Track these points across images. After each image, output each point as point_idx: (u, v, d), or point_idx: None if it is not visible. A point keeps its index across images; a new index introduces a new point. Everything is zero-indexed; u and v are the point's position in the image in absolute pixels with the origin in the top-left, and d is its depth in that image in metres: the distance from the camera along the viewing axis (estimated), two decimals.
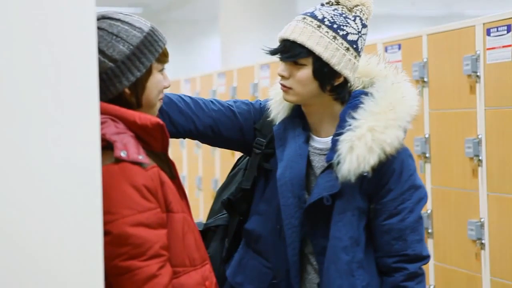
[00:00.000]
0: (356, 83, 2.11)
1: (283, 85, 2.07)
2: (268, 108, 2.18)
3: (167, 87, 1.83)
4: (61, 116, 1.37)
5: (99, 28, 1.74)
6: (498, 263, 3.03)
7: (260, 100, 2.25)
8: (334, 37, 2.02)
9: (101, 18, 1.77)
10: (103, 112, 1.65)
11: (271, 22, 8.12)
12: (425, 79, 3.42)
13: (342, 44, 2.02)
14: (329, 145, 2.08)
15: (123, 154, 1.62)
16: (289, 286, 2.12)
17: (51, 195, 1.36)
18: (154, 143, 1.72)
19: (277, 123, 2.15)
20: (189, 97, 2.18)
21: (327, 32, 2.01)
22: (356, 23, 2.05)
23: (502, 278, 3.01)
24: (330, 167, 2.04)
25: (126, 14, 1.79)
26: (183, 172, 6.19)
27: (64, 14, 1.37)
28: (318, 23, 2.02)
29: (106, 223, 1.56)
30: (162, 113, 2.08)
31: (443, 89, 3.34)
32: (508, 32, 2.94)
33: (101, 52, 1.72)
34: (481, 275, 3.11)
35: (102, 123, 1.64)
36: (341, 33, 2.02)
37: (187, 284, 1.72)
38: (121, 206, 1.61)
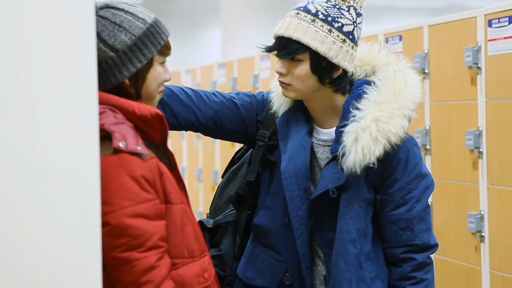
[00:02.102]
0: (357, 72, 2.10)
1: (282, 82, 2.06)
2: (271, 100, 2.17)
3: (167, 80, 1.82)
4: (59, 105, 1.36)
5: (102, 17, 1.73)
6: (498, 256, 3.02)
7: (263, 92, 2.24)
8: (330, 30, 2.00)
9: (104, 7, 1.75)
10: (102, 102, 1.64)
11: (272, 13, 8.10)
12: (426, 71, 3.41)
13: (338, 36, 2.01)
14: (333, 136, 2.07)
15: (121, 145, 1.62)
16: (300, 278, 2.12)
17: (49, 185, 1.35)
18: (153, 134, 1.72)
19: (279, 115, 2.14)
20: (191, 89, 2.17)
21: (322, 26, 2.00)
22: (350, 13, 2.03)
23: (502, 271, 3.00)
24: (335, 158, 2.03)
25: (130, 5, 1.77)
26: (183, 163, 6.18)
27: (63, 1, 1.36)
28: (312, 17, 2.00)
29: (104, 214, 1.55)
30: (163, 104, 2.06)
31: (444, 81, 3.33)
32: (509, 24, 2.93)
33: (102, 41, 1.71)
34: (480, 268, 3.11)
35: (101, 113, 1.63)
36: (336, 25, 2.01)
37: (186, 275, 1.71)
38: (119, 197, 1.60)
